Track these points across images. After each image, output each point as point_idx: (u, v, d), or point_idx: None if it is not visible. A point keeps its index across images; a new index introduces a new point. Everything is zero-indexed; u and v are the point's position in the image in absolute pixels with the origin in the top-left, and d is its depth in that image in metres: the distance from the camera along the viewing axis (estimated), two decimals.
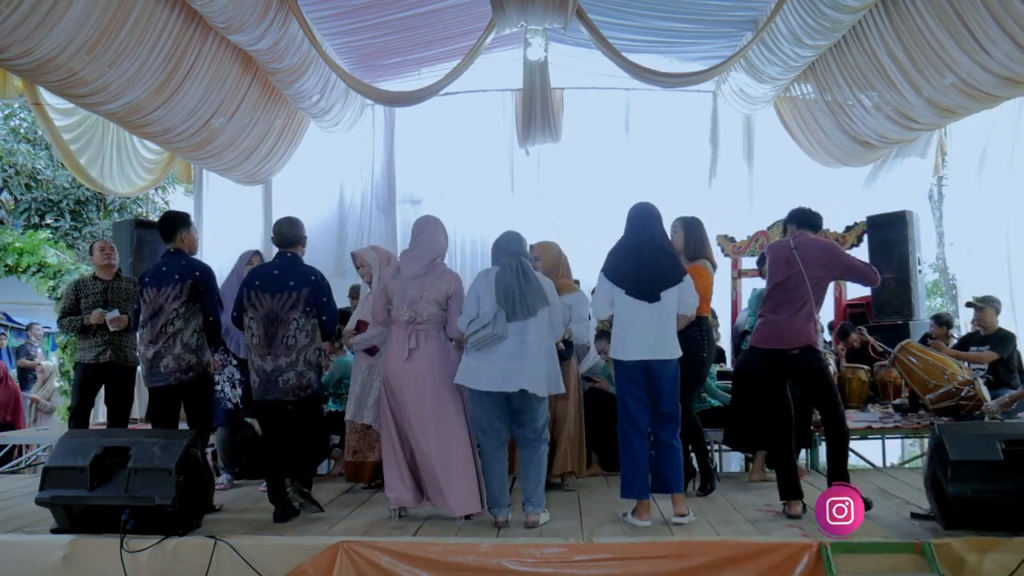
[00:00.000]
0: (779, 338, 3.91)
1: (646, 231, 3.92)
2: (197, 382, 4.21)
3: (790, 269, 3.92)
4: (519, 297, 3.72)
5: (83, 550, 3.46)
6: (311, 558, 3.34)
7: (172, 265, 4.23)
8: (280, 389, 3.93)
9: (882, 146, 7.83)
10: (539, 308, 3.75)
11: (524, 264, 3.84)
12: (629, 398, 3.82)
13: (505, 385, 3.72)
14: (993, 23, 5.27)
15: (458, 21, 8.02)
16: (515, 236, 3.99)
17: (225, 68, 6.94)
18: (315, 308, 4.01)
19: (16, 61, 5.09)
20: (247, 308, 4.01)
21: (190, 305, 4.17)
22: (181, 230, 4.35)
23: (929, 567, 3.18)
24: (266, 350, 3.95)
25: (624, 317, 3.84)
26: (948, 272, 11.70)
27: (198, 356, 4.20)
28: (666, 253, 3.90)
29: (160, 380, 4.15)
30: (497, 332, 3.69)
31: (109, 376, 4.87)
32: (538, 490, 3.79)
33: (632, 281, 3.81)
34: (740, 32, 7.99)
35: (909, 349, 5.77)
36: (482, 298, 3.81)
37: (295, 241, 4.17)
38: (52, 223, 13.40)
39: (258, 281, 4.03)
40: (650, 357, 3.77)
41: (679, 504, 3.81)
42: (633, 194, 8.44)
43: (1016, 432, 3.68)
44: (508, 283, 3.75)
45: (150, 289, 4.20)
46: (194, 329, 4.18)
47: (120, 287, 4.98)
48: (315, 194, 9.59)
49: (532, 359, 3.72)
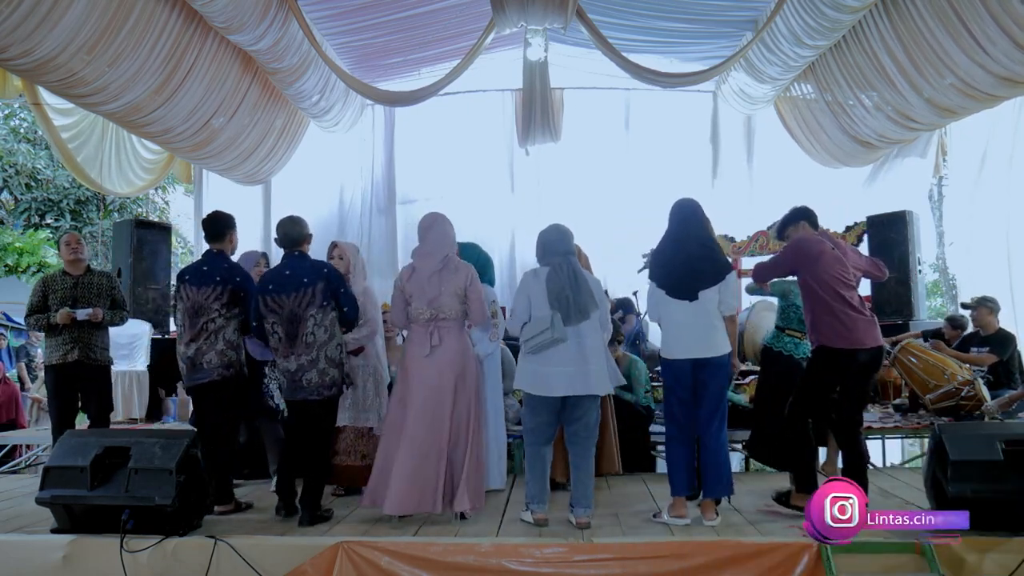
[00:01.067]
0: (870, 336, 3.84)
1: (683, 229, 3.89)
2: (237, 379, 4.16)
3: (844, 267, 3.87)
4: (572, 300, 3.70)
5: (83, 550, 3.45)
6: (311, 558, 3.34)
7: (214, 266, 4.18)
8: (304, 389, 3.90)
9: (882, 146, 7.83)
10: (591, 311, 3.74)
11: (573, 265, 3.81)
12: (675, 401, 3.83)
13: (572, 389, 3.70)
14: (993, 23, 5.28)
15: (458, 21, 8.02)
16: (562, 233, 3.92)
17: (225, 68, 6.95)
18: (333, 300, 3.98)
19: (16, 61, 5.09)
20: (266, 314, 3.96)
21: (231, 307, 4.13)
22: (230, 231, 4.33)
23: (929, 567, 3.17)
24: (289, 350, 3.92)
25: (668, 317, 3.83)
26: (948, 272, 11.70)
27: (239, 354, 4.16)
28: (705, 250, 3.85)
29: (203, 377, 4.08)
30: (557, 336, 3.66)
31: (80, 378, 4.72)
32: (589, 491, 3.78)
33: (670, 281, 3.80)
34: (740, 32, 7.99)
35: (909, 349, 5.77)
36: (533, 300, 3.78)
37: (301, 240, 4.15)
38: (52, 223, 13.42)
39: (271, 285, 3.99)
40: (696, 356, 3.75)
41: (708, 510, 3.79)
42: (633, 194, 8.47)
43: (1016, 432, 3.68)
44: (560, 286, 3.73)
45: (189, 287, 4.14)
46: (235, 328, 4.14)
47: (90, 282, 4.82)
48: (315, 194, 9.59)
49: (593, 360, 3.72)
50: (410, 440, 3.82)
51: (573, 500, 3.79)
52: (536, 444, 3.84)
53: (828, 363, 3.87)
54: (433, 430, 3.83)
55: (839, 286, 3.83)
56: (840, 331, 3.80)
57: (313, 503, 3.86)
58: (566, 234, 3.92)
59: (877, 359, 3.94)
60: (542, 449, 3.86)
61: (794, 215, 4.17)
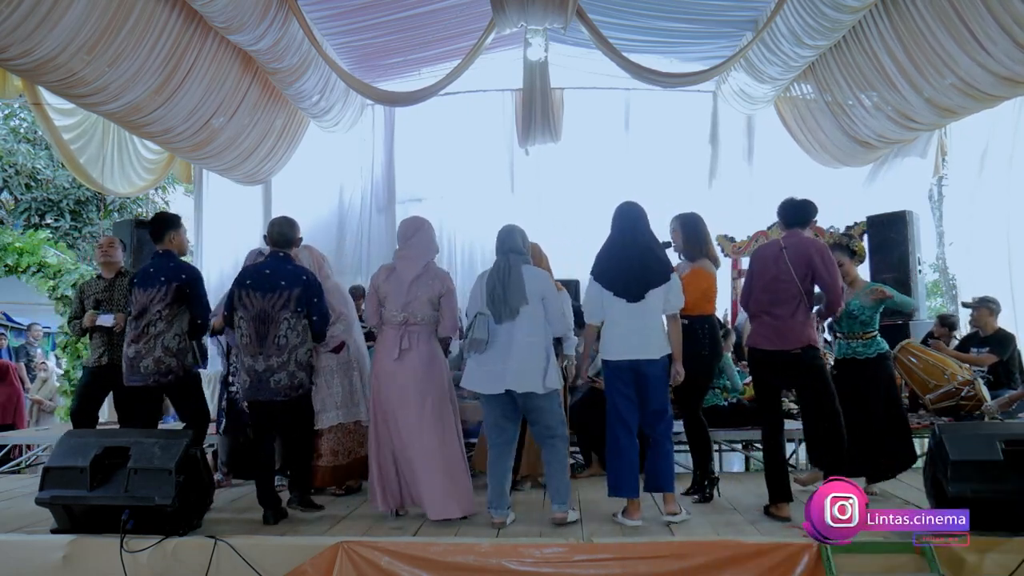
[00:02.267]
0: (783, 338, 3.90)
1: (629, 231, 3.93)
2: (177, 384, 4.18)
3: (777, 269, 3.92)
4: (501, 298, 3.76)
5: (83, 550, 3.45)
6: (311, 558, 3.34)
7: (159, 267, 4.21)
8: (271, 389, 3.92)
9: (882, 146, 7.83)
10: (520, 307, 3.76)
11: (510, 262, 3.84)
12: (618, 397, 3.83)
13: (493, 387, 3.76)
14: (993, 23, 5.27)
15: (458, 21, 8.02)
16: (508, 231, 3.99)
17: (225, 68, 6.95)
18: (306, 308, 4.01)
19: (16, 61, 5.09)
20: (237, 307, 3.99)
21: (174, 308, 4.13)
22: (169, 231, 4.33)
23: (929, 567, 3.17)
24: (257, 350, 3.94)
25: (611, 317, 3.86)
26: (948, 272, 11.70)
27: (179, 359, 4.15)
28: (651, 252, 3.89)
29: (138, 380, 4.13)
30: (475, 336, 3.74)
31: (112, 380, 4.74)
32: (562, 487, 3.79)
33: (617, 281, 3.82)
34: (740, 32, 7.99)
35: (909, 349, 5.77)
36: (476, 301, 3.87)
37: (291, 242, 4.17)
38: (52, 223, 13.40)
39: (249, 280, 4.02)
40: (637, 357, 3.77)
41: (670, 503, 3.82)
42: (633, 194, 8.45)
43: (1016, 432, 3.68)
44: (493, 284, 3.80)
45: (137, 289, 4.20)
46: (176, 332, 4.14)
47: (123, 285, 4.85)
48: (315, 194, 9.59)
49: (517, 359, 3.74)
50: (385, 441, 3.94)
51: (550, 496, 3.85)
52: (494, 445, 3.89)
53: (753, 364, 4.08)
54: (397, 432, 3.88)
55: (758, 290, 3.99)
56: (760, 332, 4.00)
57: (303, 485, 3.91)
58: (512, 233, 3.97)
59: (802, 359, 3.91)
60: (500, 450, 3.88)
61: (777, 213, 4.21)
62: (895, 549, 3.29)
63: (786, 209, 4.11)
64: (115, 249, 4.97)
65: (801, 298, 3.89)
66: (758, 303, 4.02)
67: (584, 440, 5.37)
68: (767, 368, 4.02)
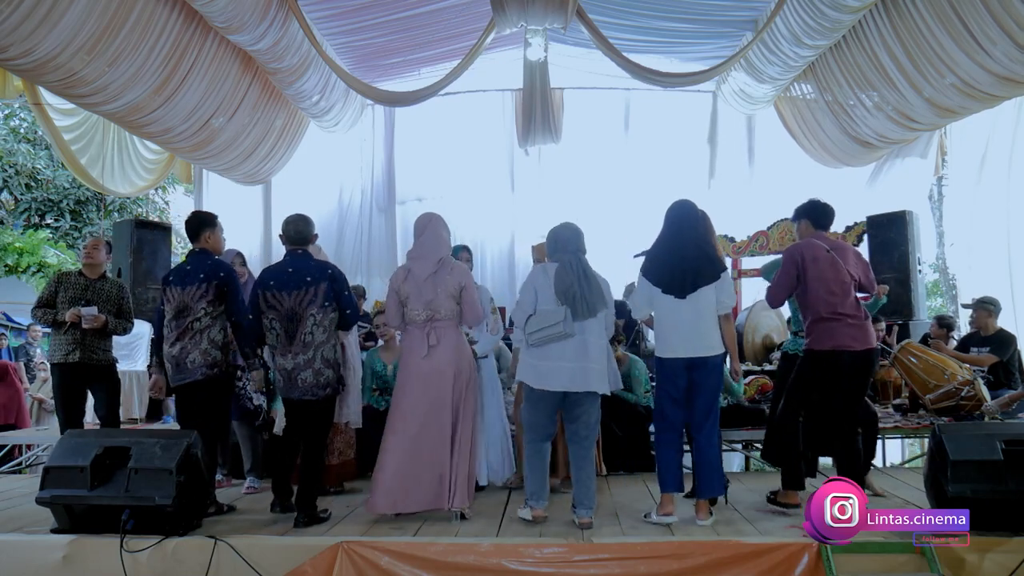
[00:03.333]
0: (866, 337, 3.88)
1: (682, 228, 3.89)
2: (223, 379, 4.15)
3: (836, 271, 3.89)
4: (580, 297, 3.71)
5: (83, 550, 3.45)
6: (311, 558, 3.34)
7: (197, 265, 4.16)
8: (299, 388, 3.91)
9: (882, 146, 7.84)
10: (599, 309, 3.75)
11: (584, 263, 3.84)
12: (665, 400, 3.82)
13: (572, 385, 3.71)
14: (993, 23, 5.28)
15: (458, 21, 8.03)
16: (574, 231, 3.95)
17: (225, 68, 6.95)
18: (335, 302, 3.99)
19: (16, 61, 5.09)
20: (265, 310, 3.96)
21: (216, 305, 4.10)
22: (206, 230, 4.29)
23: (929, 567, 3.17)
24: (287, 348, 3.92)
25: (663, 315, 3.83)
26: (948, 272, 11.71)
27: (224, 354, 4.13)
28: (703, 251, 3.86)
29: (187, 376, 4.07)
30: (567, 331, 3.67)
31: (85, 378, 4.72)
32: (590, 491, 3.78)
33: (667, 278, 3.80)
34: (740, 32, 7.99)
35: (909, 349, 5.76)
36: (540, 294, 3.79)
37: (308, 239, 4.15)
38: (52, 223, 13.42)
39: (273, 281, 3.98)
40: (691, 354, 3.75)
41: (703, 511, 3.79)
42: (633, 194, 8.46)
43: (1016, 432, 3.68)
44: (569, 282, 3.74)
45: (174, 288, 4.13)
46: (221, 327, 4.11)
47: (103, 288, 4.82)
48: (315, 194, 9.59)
49: (595, 358, 3.73)
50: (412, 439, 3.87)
51: (575, 500, 3.79)
52: (535, 440, 3.85)
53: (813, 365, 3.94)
54: (434, 428, 3.86)
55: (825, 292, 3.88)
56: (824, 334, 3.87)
57: (309, 503, 3.86)
58: (578, 233, 3.95)
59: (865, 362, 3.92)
60: (542, 445, 3.86)
61: (796, 213, 4.20)
62: (895, 549, 3.29)
63: (819, 212, 4.10)
64: (98, 251, 4.88)
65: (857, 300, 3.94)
66: (832, 305, 3.88)
67: None
68: (851, 370, 3.90)
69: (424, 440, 3.86)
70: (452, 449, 3.87)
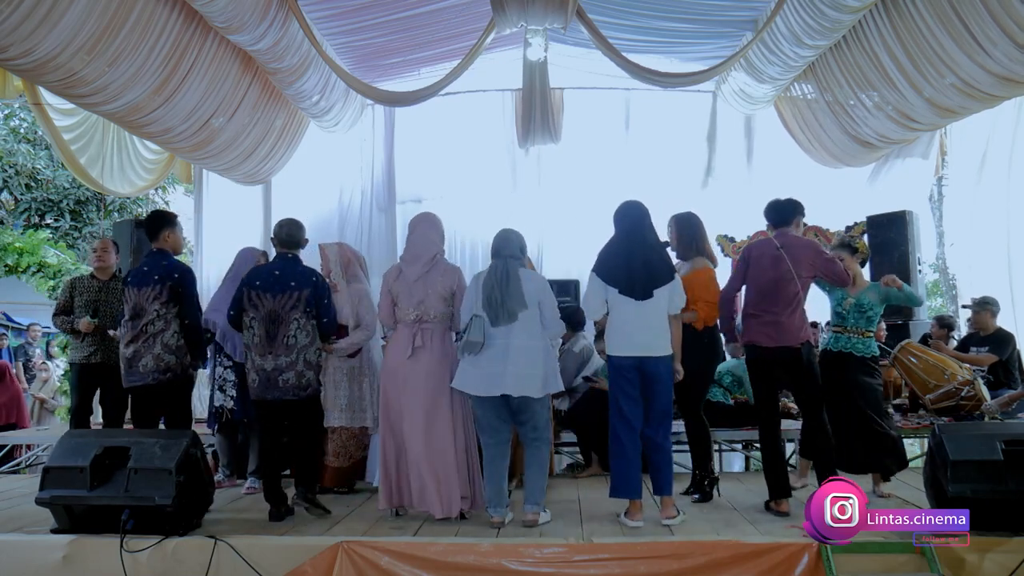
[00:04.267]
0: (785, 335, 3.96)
1: (635, 230, 3.94)
2: (176, 383, 4.18)
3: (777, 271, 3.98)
4: (499, 302, 3.76)
5: (83, 550, 3.45)
6: (311, 558, 3.34)
7: (153, 265, 4.21)
8: (280, 388, 3.93)
9: (883, 146, 7.83)
10: (519, 311, 3.76)
11: (508, 267, 3.84)
12: (621, 396, 3.83)
13: (490, 390, 3.75)
14: (993, 23, 5.27)
15: (458, 21, 8.02)
16: (505, 236, 3.99)
17: (225, 68, 6.94)
18: (315, 309, 4.02)
19: (16, 61, 5.09)
20: (247, 308, 4.00)
21: (171, 307, 4.14)
22: (165, 229, 4.32)
23: (929, 567, 3.18)
24: (267, 349, 3.94)
25: (617, 315, 3.86)
26: (948, 272, 11.71)
27: (178, 357, 4.16)
28: (656, 251, 3.92)
29: (137, 380, 4.13)
30: (471, 339, 3.73)
31: (102, 377, 4.87)
32: (537, 489, 3.80)
33: (624, 280, 3.83)
34: (740, 32, 7.99)
35: (909, 349, 5.77)
36: (471, 302, 3.87)
37: (299, 243, 4.18)
38: (52, 223, 13.42)
39: (259, 281, 4.03)
40: (643, 354, 3.79)
41: (667, 508, 3.82)
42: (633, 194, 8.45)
43: (1016, 432, 3.68)
44: (490, 288, 3.79)
45: (131, 289, 4.20)
46: (175, 330, 4.15)
47: (116, 288, 4.91)
48: (315, 194, 9.58)
49: (515, 363, 3.73)
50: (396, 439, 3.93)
51: (525, 496, 3.83)
52: (487, 444, 3.90)
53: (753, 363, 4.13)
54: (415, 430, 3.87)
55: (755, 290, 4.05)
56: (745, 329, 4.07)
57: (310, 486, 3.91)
58: (510, 237, 3.98)
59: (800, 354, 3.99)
60: (494, 450, 3.88)
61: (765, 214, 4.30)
62: (895, 549, 3.29)
63: (774, 210, 4.23)
64: (108, 253, 5.00)
65: (799, 297, 3.99)
66: (755, 303, 4.06)
67: (584, 440, 5.37)
68: (767, 365, 4.06)
69: (411, 441, 3.87)
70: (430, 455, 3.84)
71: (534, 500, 3.79)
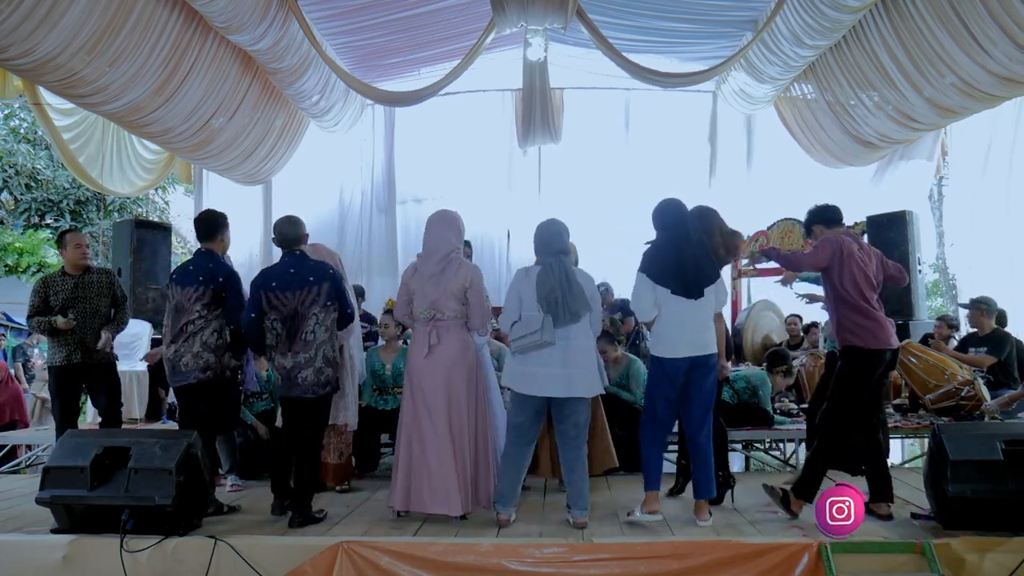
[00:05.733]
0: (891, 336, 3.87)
1: (683, 228, 3.87)
2: (217, 382, 4.13)
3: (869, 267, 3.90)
4: (562, 302, 3.67)
5: (83, 550, 3.45)
6: (311, 558, 3.34)
7: (199, 266, 4.16)
8: (300, 386, 3.91)
9: (884, 146, 7.83)
10: (583, 313, 3.72)
11: (566, 265, 3.78)
12: (660, 400, 3.80)
13: (555, 392, 3.70)
14: (993, 23, 5.28)
15: (458, 21, 8.02)
16: (556, 232, 3.89)
17: (225, 68, 6.95)
18: (336, 301, 3.99)
19: (16, 61, 5.09)
20: (267, 310, 3.95)
21: (212, 309, 4.10)
22: (222, 231, 4.28)
23: (929, 567, 3.18)
24: (287, 347, 3.93)
25: (671, 315, 3.78)
26: (948, 272, 11.71)
27: (217, 356, 4.10)
28: (704, 249, 3.87)
29: (181, 379, 4.09)
30: (545, 339, 3.65)
31: (85, 375, 4.70)
32: (583, 492, 3.78)
33: (677, 279, 3.77)
34: (740, 32, 7.99)
35: (909, 349, 5.77)
36: (524, 300, 3.77)
37: (298, 239, 4.14)
38: (52, 223, 13.40)
39: (275, 282, 3.97)
40: (697, 353, 3.75)
41: (702, 510, 3.79)
42: (633, 194, 8.45)
43: (1016, 432, 3.68)
44: (551, 287, 3.70)
45: (175, 287, 4.15)
46: (215, 329, 4.10)
47: (90, 281, 4.74)
48: (315, 194, 9.60)
49: (579, 364, 3.71)
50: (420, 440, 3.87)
51: (570, 501, 3.80)
52: (517, 443, 3.84)
53: (863, 364, 3.84)
54: (434, 429, 3.85)
55: (866, 288, 3.86)
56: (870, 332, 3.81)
57: (305, 503, 3.87)
58: (562, 231, 3.89)
59: (895, 360, 3.99)
60: (522, 449, 3.85)
61: (807, 219, 4.21)
62: (895, 549, 3.29)
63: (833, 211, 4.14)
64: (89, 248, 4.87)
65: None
66: (866, 298, 3.87)
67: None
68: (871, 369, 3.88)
69: (427, 440, 3.84)
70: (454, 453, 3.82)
71: (582, 505, 3.75)
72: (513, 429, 3.86)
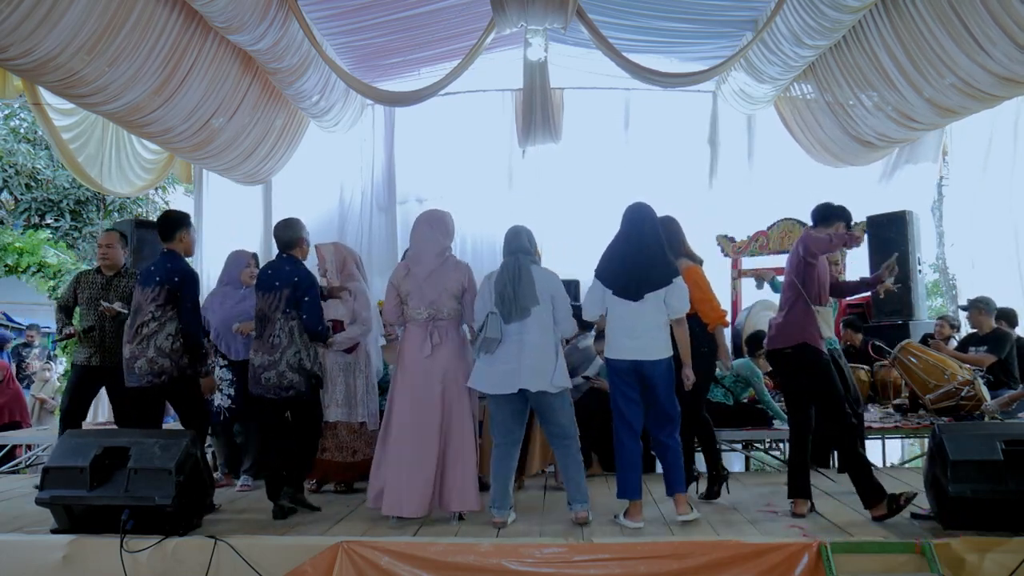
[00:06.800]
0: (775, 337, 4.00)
1: (636, 231, 3.92)
2: (171, 386, 4.13)
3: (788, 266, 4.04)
4: (512, 298, 3.76)
5: (83, 550, 3.45)
6: (311, 558, 3.34)
7: (158, 266, 4.19)
8: (262, 386, 3.98)
9: (884, 145, 7.83)
10: (531, 307, 3.76)
11: (520, 263, 3.84)
12: (620, 398, 3.83)
13: (505, 387, 3.75)
14: (993, 24, 5.28)
15: (458, 21, 8.02)
16: (515, 232, 3.99)
17: (225, 68, 6.94)
18: (296, 310, 4.01)
19: (16, 61, 5.09)
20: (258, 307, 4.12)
21: (166, 309, 4.09)
22: (180, 230, 4.27)
23: (929, 567, 3.18)
24: (258, 346, 4.05)
25: (614, 317, 3.86)
26: (948, 272, 11.70)
27: (172, 360, 4.07)
28: (657, 254, 3.88)
29: (134, 381, 4.10)
30: (488, 335, 3.73)
31: (103, 379, 4.76)
32: (581, 486, 3.81)
33: (619, 281, 3.83)
34: (740, 32, 7.99)
35: (909, 349, 5.77)
36: (485, 301, 3.87)
37: (292, 243, 4.16)
38: (52, 223, 13.41)
39: (259, 281, 4.17)
40: (639, 357, 3.77)
41: (681, 505, 3.81)
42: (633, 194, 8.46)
43: (1016, 432, 3.68)
44: (503, 285, 3.80)
45: (138, 288, 4.20)
46: (168, 332, 4.08)
47: (121, 285, 4.81)
48: (315, 194, 9.58)
49: (529, 358, 3.73)
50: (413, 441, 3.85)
51: (569, 498, 3.84)
52: (501, 444, 3.88)
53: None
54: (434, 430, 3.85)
55: None
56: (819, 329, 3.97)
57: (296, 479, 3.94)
58: (520, 232, 3.98)
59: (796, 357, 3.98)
60: (507, 450, 3.88)
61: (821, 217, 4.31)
62: (895, 549, 3.30)
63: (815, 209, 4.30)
64: (113, 248, 4.82)
65: (799, 295, 3.96)
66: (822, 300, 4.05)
67: (584, 440, 5.36)
68: None
69: (425, 442, 3.84)
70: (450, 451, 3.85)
71: (580, 499, 3.79)
72: (494, 427, 3.92)
